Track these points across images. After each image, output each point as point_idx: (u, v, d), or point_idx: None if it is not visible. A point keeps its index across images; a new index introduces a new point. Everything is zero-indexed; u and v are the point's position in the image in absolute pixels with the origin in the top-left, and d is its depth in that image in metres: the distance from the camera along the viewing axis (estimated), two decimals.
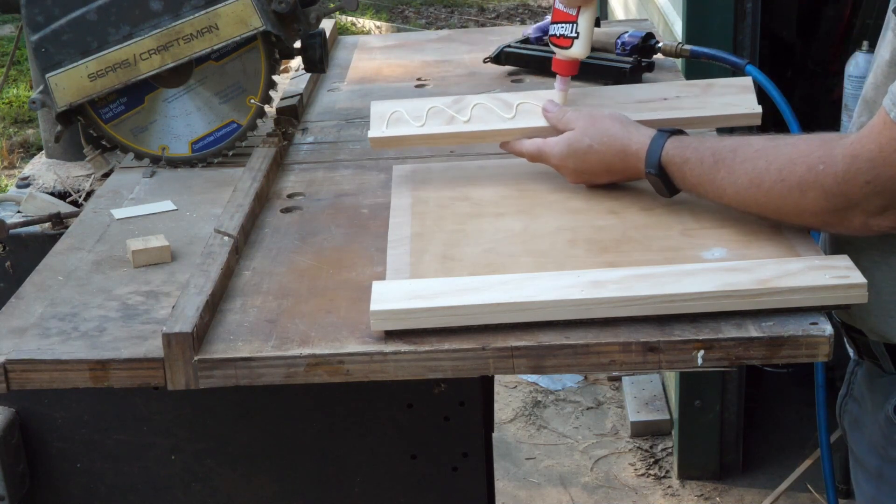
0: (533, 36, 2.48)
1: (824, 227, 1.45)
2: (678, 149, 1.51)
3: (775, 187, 1.40)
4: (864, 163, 1.32)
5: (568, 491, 3.28)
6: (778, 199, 1.41)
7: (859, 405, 1.61)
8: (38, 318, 1.44)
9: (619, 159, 1.58)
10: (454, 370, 1.32)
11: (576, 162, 1.62)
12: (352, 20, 8.66)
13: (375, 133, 1.78)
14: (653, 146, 1.53)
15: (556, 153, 1.64)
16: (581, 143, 1.61)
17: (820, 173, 1.36)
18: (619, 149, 1.57)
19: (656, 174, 1.53)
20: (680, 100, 1.77)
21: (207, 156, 1.96)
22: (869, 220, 1.36)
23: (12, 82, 6.88)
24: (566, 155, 1.63)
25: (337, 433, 1.66)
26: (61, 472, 1.67)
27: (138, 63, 1.85)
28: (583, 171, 1.64)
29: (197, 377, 1.33)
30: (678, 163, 1.51)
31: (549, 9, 8.79)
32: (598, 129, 1.60)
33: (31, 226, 1.90)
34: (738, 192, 1.45)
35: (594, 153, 1.60)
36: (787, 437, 3.41)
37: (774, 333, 1.30)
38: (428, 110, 1.79)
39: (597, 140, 1.60)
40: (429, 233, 1.58)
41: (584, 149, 1.61)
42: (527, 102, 1.76)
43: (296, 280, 1.51)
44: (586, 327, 1.33)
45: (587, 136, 1.61)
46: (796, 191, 1.38)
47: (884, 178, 1.31)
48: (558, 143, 1.64)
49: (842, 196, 1.35)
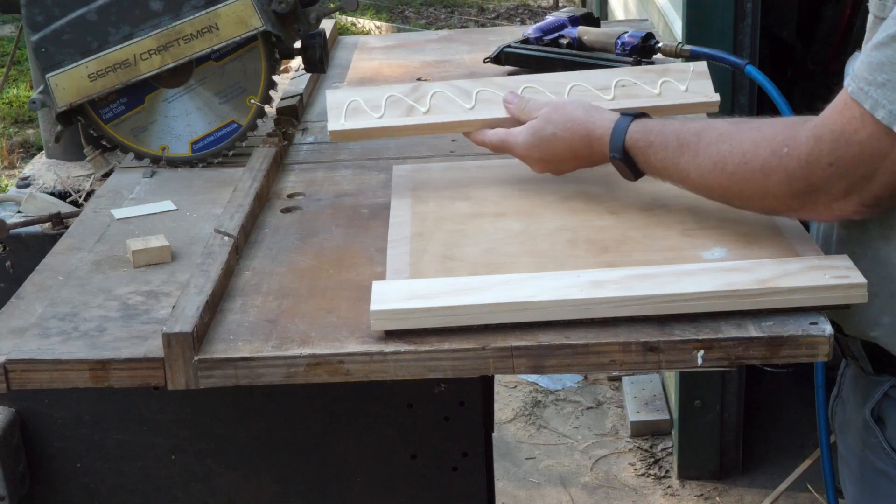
0: (533, 36, 2.49)
1: (787, 212, 1.44)
2: (642, 133, 1.50)
3: (738, 171, 1.39)
4: (826, 144, 1.32)
5: (568, 491, 3.28)
6: (741, 182, 1.40)
7: (846, 407, 1.62)
8: (38, 318, 1.44)
9: (584, 145, 1.56)
10: (454, 370, 1.32)
11: (541, 151, 1.60)
12: (352, 20, 8.66)
13: (334, 126, 1.74)
14: (616, 130, 1.52)
15: (520, 143, 1.62)
16: (545, 131, 1.59)
17: (784, 156, 1.35)
18: (584, 134, 1.56)
19: (620, 158, 1.52)
20: (637, 87, 1.76)
21: (207, 156, 1.96)
22: (832, 204, 1.35)
23: (12, 82, 6.88)
24: (531, 144, 1.61)
25: (337, 433, 1.66)
26: (61, 472, 1.67)
27: (138, 63, 1.86)
28: (549, 160, 1.62)
29: (197, 377, 1.33)
30: (642, 147, 1.50)
31: (549, 9, 8.82)
32: (562, 116, 1.58)
33: (32, 226, 1.90)
34: (702, 176, 1.44)
35: (559, 140, 1.58)
36: (786, 437, 3.41)
37: (774, 333, 1.30)
38: (386, 99, 1.76)
39: (560, 127, 1.58)
40: (429, 233, 1.58)
41: (548, 136, 1.59)
42: (486, 90, 1.74)
43: (296, 280, 1.51)
44: (586, 327, 1.33)
45: (550, 123, 1.59)
46: (759, 174, 1.37)
47: (846, 158, 1.31)
48: (521, 132, 1.62)
49: (805, 179, 1.34)
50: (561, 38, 2.47)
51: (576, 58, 2.39)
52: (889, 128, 1.27)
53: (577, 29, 2.46)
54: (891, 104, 1.26)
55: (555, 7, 8.87)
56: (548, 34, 2.49)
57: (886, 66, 1.27)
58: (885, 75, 1.27)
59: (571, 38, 2.45)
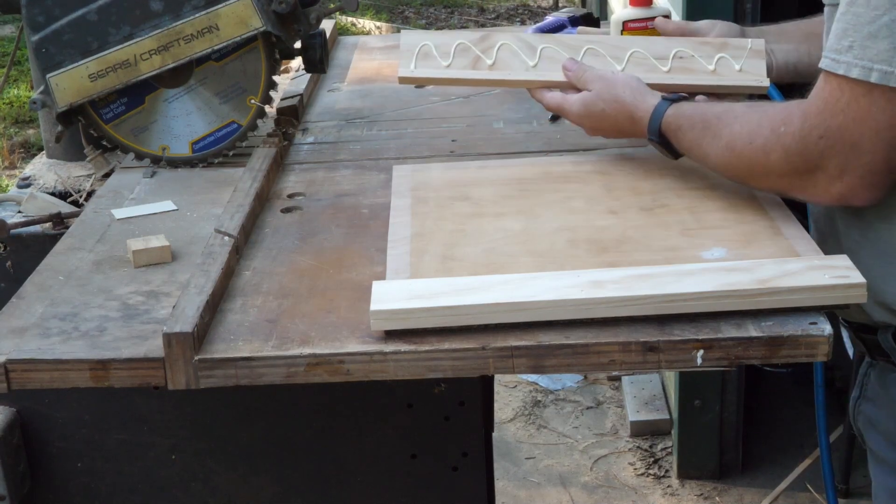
0: None
1: (791, 191, 1.49)
2: (674, 117, 1.60)
3: (745, 151, 1.48)
4: (814, 118, 1.40)
5: (568, 490, 3.28)
6: (747, 161, 1.49)
7: (874, 405, 1.62)
8: (38, 317, 1.45)
9: (629, 124, 1.67)
10: (454, 370, 1.32)
11: (591, 121, 1.73)
12: (352, 21, 8.66)
13: (404, 72, 1.83)
14: (654, 114, 1.62)
15: (574, 111, 1.74)
16: (596, 106, 1.71)
17: (781, 134, 1.43)
18: (628, 115, 1.67)
19: (657, 141, 1.63)
20: (694, 60, 1.79)
21: (208, 156, 1.96)
22: (832, 184, 1.41)
23: (13, 82, 6.88)
24: (583, 114, 1.73)
25: (337, 433, 1.66)
26: (62, 472, 1.67)
27: (139, 63, 1.86)
28: (598, 129, 1.75)
29: (197, 377, 1.33)
30: (674, 130, 1.60)
31: (548, 9, 8.81)
32: (611, 95, 1.69)
33: (32, 226, 1.90)
34: (718, 156, 1.54)
35: (607, 116, 1.70)
36: (786, 437, 3.41)
37: (774, 333, 1.30)
38: (455, 46, 1.83)
39: (609, 105, 1.69)
40: (429, 233, 1.58)
41: (598, 111, 1.71)
42: (550, 47, 1.81)
43: (296, 280, 1.51)
44: (586, 327, 1.33)
45: (601, 99, 1.70)
46: (761, 152, 1.46)
47: (833, 128, 1.38)
48: (576, 102, 1.74)
49: (800, 155, 1.42)
50: None
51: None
52: (866, 82, 1.35)
53: (577, 29, 2.46)
54: (860, 61, 1.35)
55: (555, 7, 8.87)
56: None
57: (850, 30, 1.36)
58: (848, 39, 1.36)
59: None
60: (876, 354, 1.58)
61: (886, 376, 1.58)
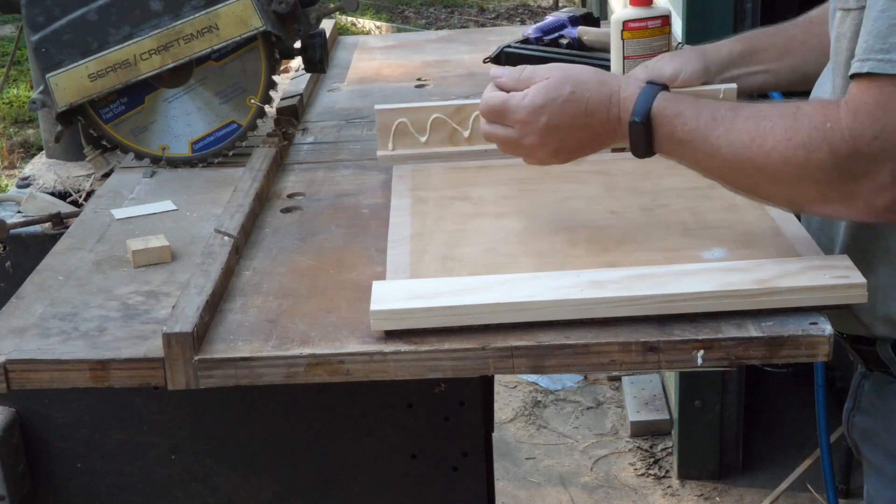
0: (533, 36, 2.49)
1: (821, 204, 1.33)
2: (672, 101, 1.40)
3: (778, 147, 1.30)
4: (865, 117, 1.25)
5: (568, 491, 3.28)
6: (779, 161, 1.30)
7: (869, 416, 1.57)
8: (38, 318, 1.45)
9: (604, 108, 1.43)
10: (454, 370, 1.32)
11: (549, 114, 1.44)
12: (352, 20, 8.66)
13: (383, 153, 1.81)
14: (644, 92, 1.41)
15: (525, 105, 1.45)
16: (561, 90, 1.44)
17: (827, 131, 1.27)
18: (607, 95, 1.43)
19: (641, 122, 1.40)
20: None
21: (207, 156, 1.96)
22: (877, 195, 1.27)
23: (12, 82, 6.88)
24: (540, 106, 1.44)
25: (337, 433, 1.66)
26: (61, 472, 1.67)
27: (138, 63, 1.86)
28: (553, 128, 1.44)
29: (197, 377, 1.33)
30: (670, 115, 1.39)
31: (548, 9, 8.81)
32: (583, 75, 1.46)
33: (32, 226, 1.90)
34: (734, 152, 1.34)
35: (576, 100, 1.43)
36: (786, 437, 3.41)
37: (774, 333, 1.30)
38: (431, 121, 1.79)
39: (581, 85, 1.44)
40: (429, 233, 1.58)
41: (565, 96, 1.43)
42: None
43: (296, 280, 1.51)
44: (586, 327, 1.33)
45: (568, 82, 1.44)
46: (802, 151, 1.29)
47: (890, 130, 1.24)
48: (529, 93, 1.45)
49: (850, 158, 1.26)
50: (561, 38, 2.47)
51: (576, 58, 2.38)
52: None
53: (577, 29, 2.46)
54: None
55: (555, 7, 8.87)
56: (548, 34, 2.49)
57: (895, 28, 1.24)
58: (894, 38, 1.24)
59: (571, 38, 2.45)
60: (872, 365, 1.53)
61: (884, 388, 1.53)
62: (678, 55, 1.76)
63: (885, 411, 1.54)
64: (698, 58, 1.73)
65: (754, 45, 1.74)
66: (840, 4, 1.38)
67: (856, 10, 1.35)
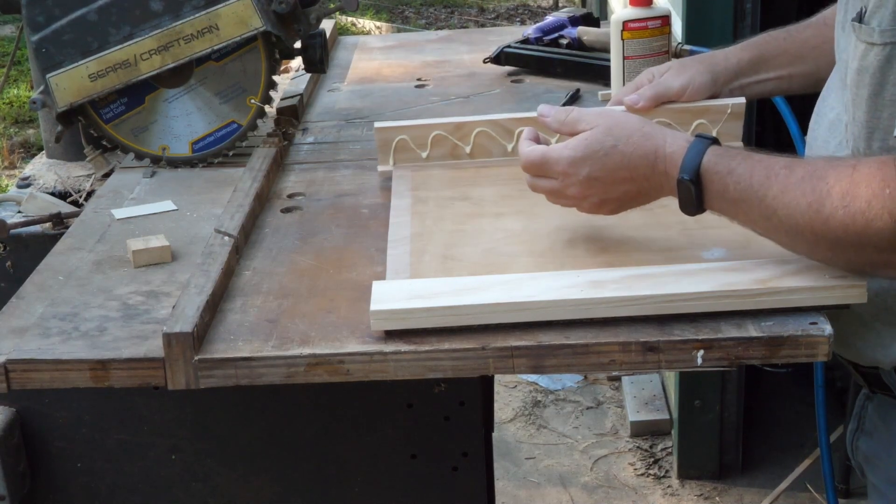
0: (533, 36, 2.49)
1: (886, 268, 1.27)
2: (723, 157, 1.33)
3: (836, 213, 1.23)
4: None
5: (568, 491, 3.28)
6: (838, 228, 1.23)
7: (872, 439, 1.55)
8: (38, 317, 1.45)
9: (647, 163, 1.37)
10: (454, 370, 1.32)
11: (591, 166, 1.39)
12: (352, 21, 8.66)
13: (384, 167, 1.82)
14: (693, 149, 1.34)
15: (565, 157, 1.41)
16: (604, 143, 1.39)
17: (887, 197, 1.20)
18: (651, 150, 1.37)
19: (691, 180, 1.33)
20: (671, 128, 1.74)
21: (208, 156, 1.96)
22: None
23: (13, 82, 6.88)
24: (581, 158, 1.40)
25: (337, 433, 1.66)
26: (62, 472, 1.67)
27: (139, 63, 1.86)
28: (596, 180, 1.40)
29: (197, 377, 1.33)
30: (722, 172, 1.32)
31: (548, 9, 8.81)
32: (627, 127, 1.40)
33: (32, 226, 1.90)
34: (791, 216, 1.27)
35: (618, 154, 1.38)
36: (786, 437, 3.41)
37: (774, 333, 1.30)
38: (431, 138, 1.81)
39: (624, 139, 1.38)
40: (429, 233, 1.58)
41: (606, 149, 1.39)
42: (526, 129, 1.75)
43: (296, 280, 1.51)
44: (586, 327, 1.33)
45: (611, 135, 1.39)
46: (861, 218, 1.21)
47: None
48: (569, 145, 1.42)
49: None
50: (561, 38, 2.48)
51: (576, 58, 2.39)
52: None
53: (577, 29, 2.46)
54: None
55: (555, 7, 8.87)
56: (548, 34, 2.49)
57: None
58: None
59: (571, 38, 2.45)
60: (875, 387, 1.50)
61: (888, 411, 1.50)
62: (685, 67, 1.75)
63: (887, 435, 1.51)
64: (706, 69, 1.72)
65: (764, 53, 1.72)
66: (864, 37, 1.31)
67: (880, 46, 1.28)
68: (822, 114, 1.50)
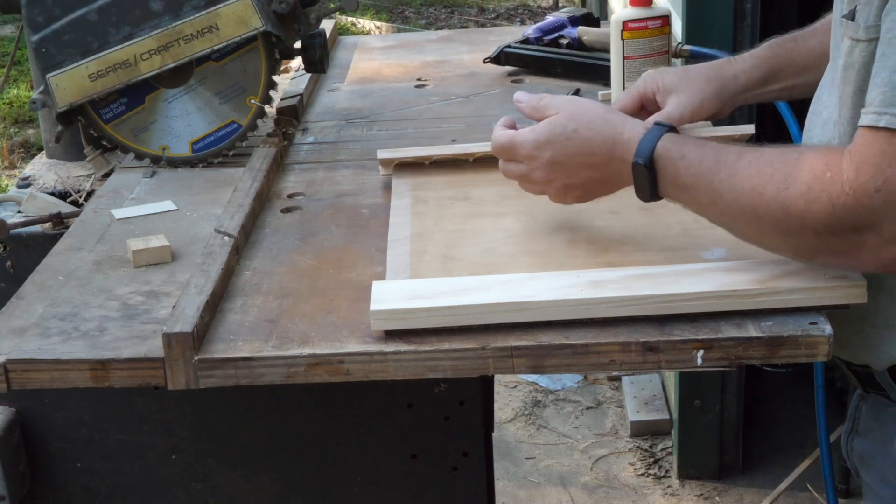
0: (533, 36, 2.49)
1: (827, 255, 1.29)
2: (677, 143, 1.36)
3: (778, 196, 1.25)
4: (869, 168, 1.20)
5: (568, 490, 3.28)
6: (779, 211, 1.26)
7: (867, 440, 1.55)
8: (38, 317, 1.45)
9: (606, 148, 1.41)
10: (454, 370, 1.32)
11: (553, 149, 1.43)
12: (352, 20, 8.66)
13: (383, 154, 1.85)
14: (648, 135, 1.37)
15: (529, 141, 1.45)
16: (566, 127, 1.43)
17: (827, 181, 1.22)
18: (609, 135, 1.40)
19: (644, 165, 1.36)
20: None
21: (208, 156, 1.96)
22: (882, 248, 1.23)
23: (13, 82, 6.88)
24: (544, 142, 1.44)
25: (337, 433, 1.66)
26: (62, 472, 1.67)
27: (139, 63, 1.86)
28: (557, 163, 1.44)
29: (197, 377, 1.33)
30: (674, 158, 1.35)
31: (548, 9, 8.81)
32: (589, 114, 1.44)
33: (32, 226, 1.90)
34: (737, 199, 1.29)
35: (579, 139, 1.42)
36: (786, 437, 3.41)
37: (774, 333, 1.30)
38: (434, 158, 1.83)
39: (585, 124, 1.42)
40: (429, 233, 1.58)
41: (567, 133, 1.42)
42: None
43: (296, 280, 1.51)
44: (586, 327, 1.33)
45: (573, 120, 1.43)
46: (801, 201, 1.24)
47: (893, 181, 1.19)
48: (534, 129, 1.46)
49: (851, 211, 1.21)
50: (561, 38, 2.48)
51: (576, 58, 2.39)
52: None
53: (577, 29, 2.46)
54: None
55: (555, 7, 8.87)
56: (548, 34, 2.49)
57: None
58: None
59: (571, 38, 2.45)
60: (869, 387, 1.50)
61: (882, 411, 1.50)
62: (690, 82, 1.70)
63: (881, 434, 1.51)
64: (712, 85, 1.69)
65: (774, 67, 1.70)
66: (850, 33, 1.32)
67: (865, 42, 1.30)
68: (816, 112, 1.51)
